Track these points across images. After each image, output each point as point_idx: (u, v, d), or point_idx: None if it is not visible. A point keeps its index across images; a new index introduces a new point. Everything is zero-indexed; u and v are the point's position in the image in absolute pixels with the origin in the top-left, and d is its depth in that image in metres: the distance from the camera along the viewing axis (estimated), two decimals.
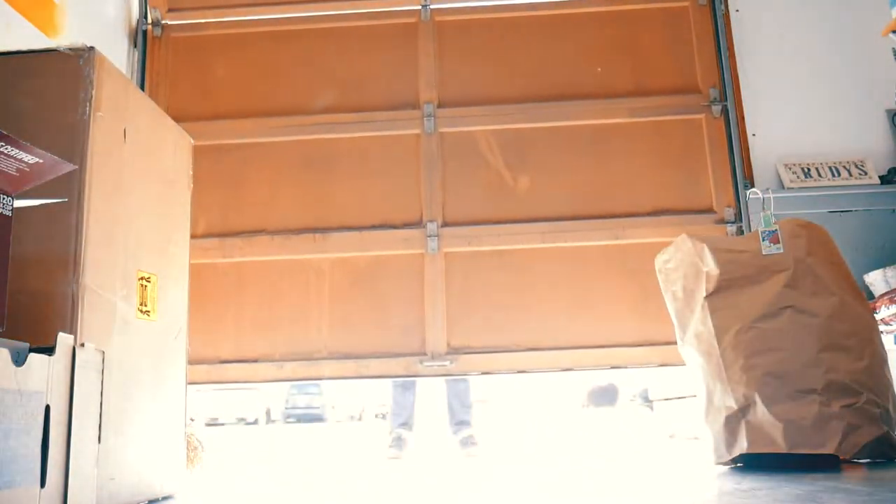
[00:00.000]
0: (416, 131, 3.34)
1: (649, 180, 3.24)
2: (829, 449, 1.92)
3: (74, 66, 1.63)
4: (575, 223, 3.21)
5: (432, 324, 3.14)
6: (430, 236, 3.21)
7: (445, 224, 3.24)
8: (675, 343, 2.31)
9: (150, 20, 3.51)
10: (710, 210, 3.20)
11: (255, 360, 3.16)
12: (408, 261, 3.22)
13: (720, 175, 3.22)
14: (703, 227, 3.16)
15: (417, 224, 3.25)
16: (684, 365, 2.32)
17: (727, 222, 3.17)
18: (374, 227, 3.25)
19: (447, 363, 3.10)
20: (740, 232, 3.14)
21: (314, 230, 3.25)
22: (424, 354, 3.12)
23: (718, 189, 3.21)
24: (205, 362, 3.13)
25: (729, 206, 3.18)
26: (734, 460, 2.13)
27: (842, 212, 3.09)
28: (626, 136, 3.29)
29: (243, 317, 3.21)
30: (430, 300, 3.16)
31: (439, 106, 3.36)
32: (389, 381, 3.64)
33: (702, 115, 3.29)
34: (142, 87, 3.40)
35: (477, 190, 3.27)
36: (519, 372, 3.12)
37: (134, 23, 3.45)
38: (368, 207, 3.27)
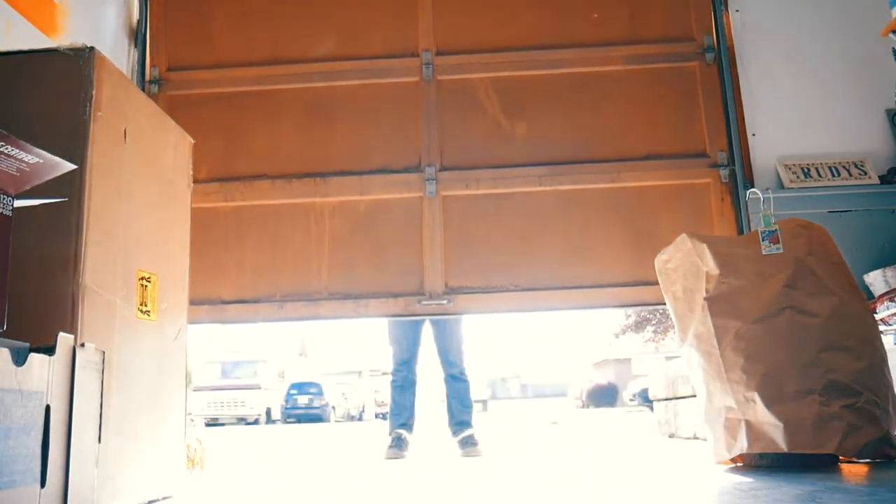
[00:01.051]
0: (415, 78, 3.35)
1: (644, 125, 3.26)
2: (829, 449, 1.92)
3: (75, 66, 1.63)
4: (571, 167, 3.23)
5: (430, 265, 3.15)
6: (428, 180, 3.22)
7: (444, 168, 3.25)
8: None
9: None
10: (703, 154, 3.22)
11: (256, 301, 3.17)
12: (407, 204, 3.23)
13: (713, 120, 3.23)
14: (697, 171, 3.19)
15: (416, 168, 3.26)
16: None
17: (720, 166, 3.18)
18: (373, 172, 3.26)
19: (445, 302, 3.11)
20: (732, 175, 3.16)
21: (314, 174, 3.27)
22: (423, 294, 3.13)
23: (711, 134, 3.22)
24: (206, 302, 3.14)
25: (722, 151, 3.20)
26: (734, 460, 2.13)
27: (842, 212, 3.09)
28: (622, 83, 3.31)
29: (244, 259, 3.22)
30: (428, 242, 3.17)
31: (437, 54, 3.37)
32: (389, 380, 3.65)
33: (696, 63, 3.31)
34: (144, 38, 3.40)
35: (475, 135, 3.29)
36: (516, 311, 3.14)
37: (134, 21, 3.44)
38: (368, 152, 3.29)
